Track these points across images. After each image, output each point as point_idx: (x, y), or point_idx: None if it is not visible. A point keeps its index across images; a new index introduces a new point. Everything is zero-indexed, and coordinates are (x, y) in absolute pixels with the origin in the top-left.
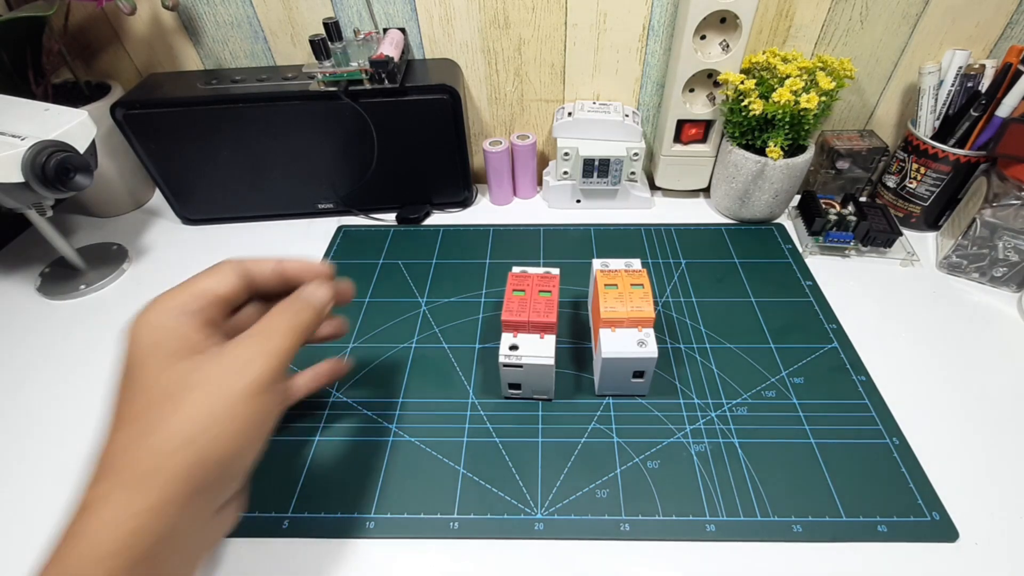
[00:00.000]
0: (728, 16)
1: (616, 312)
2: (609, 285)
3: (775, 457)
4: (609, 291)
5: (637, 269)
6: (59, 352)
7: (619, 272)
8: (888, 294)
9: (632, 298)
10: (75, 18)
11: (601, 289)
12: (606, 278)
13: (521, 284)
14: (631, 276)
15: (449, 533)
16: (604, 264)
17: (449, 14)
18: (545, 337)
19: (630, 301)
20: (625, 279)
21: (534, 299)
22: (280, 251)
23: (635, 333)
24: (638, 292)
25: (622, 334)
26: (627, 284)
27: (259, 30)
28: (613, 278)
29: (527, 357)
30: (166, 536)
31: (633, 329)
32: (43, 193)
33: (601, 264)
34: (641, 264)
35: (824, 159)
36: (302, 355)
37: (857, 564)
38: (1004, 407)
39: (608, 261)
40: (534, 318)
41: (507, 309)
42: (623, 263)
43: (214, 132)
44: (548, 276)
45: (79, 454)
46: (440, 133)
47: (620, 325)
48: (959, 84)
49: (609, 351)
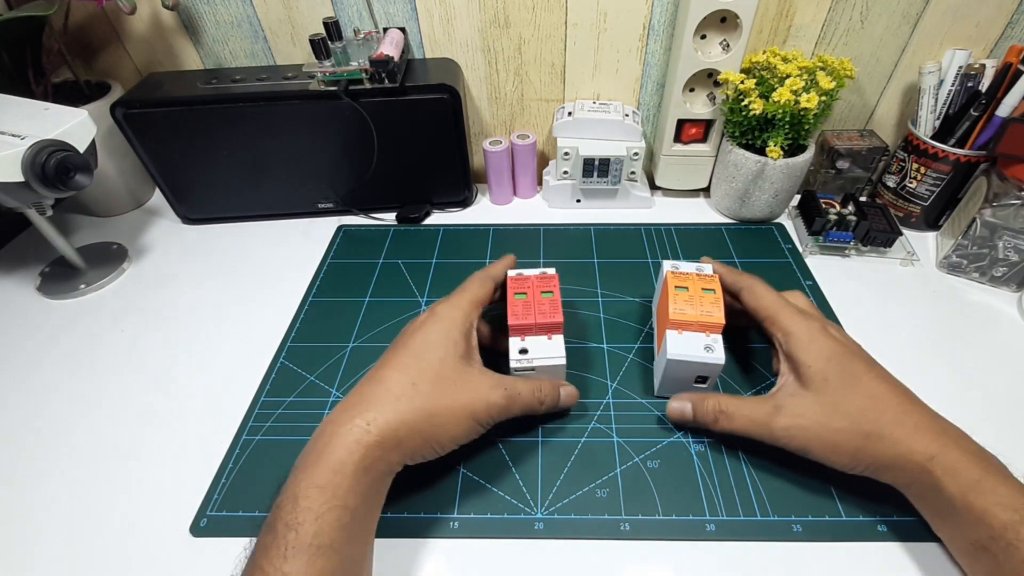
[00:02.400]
0: (728, 16)
1: (685, 315)
2: (680, 287)
3: (775, 457)
4: (680, 293)
5: (709, 274)
6: (59, 352)
7: (690, 275)
8: (888, 294)
9: (703, 302)
10: (75, 18)
11: (671, 290)
12: (677, 280)
13: (521, 287)
14: (702, 280)
15: (449, 533)
16: (675, 266)
17: (449, 14)
18: (553, 337)
19: (700, 305)
20: (696, 283)
21: (537, 300)
22: (280, 251)
23: (702, 338)
24: (709, 297)
25: (689, 337)
26: (698, 288)
27: (259, 29)
28: (684, 280)
29: (539, 360)
30: (385, 460)
31: (700, 334)
32: (43, 192)
33: (672, 266)
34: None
35: (824, 159)
36: None
37: (857, 564)
38: (1004, 407)
39: (679, 263)
40: (540, 319)
41: (512, 314)
42: (694, 267)
43: (214, 132)
44: (547, 276)
45: (79, 453)
46: (440, 133)
47: (688, 328)
48: (959, 84)
49: (675, 353)
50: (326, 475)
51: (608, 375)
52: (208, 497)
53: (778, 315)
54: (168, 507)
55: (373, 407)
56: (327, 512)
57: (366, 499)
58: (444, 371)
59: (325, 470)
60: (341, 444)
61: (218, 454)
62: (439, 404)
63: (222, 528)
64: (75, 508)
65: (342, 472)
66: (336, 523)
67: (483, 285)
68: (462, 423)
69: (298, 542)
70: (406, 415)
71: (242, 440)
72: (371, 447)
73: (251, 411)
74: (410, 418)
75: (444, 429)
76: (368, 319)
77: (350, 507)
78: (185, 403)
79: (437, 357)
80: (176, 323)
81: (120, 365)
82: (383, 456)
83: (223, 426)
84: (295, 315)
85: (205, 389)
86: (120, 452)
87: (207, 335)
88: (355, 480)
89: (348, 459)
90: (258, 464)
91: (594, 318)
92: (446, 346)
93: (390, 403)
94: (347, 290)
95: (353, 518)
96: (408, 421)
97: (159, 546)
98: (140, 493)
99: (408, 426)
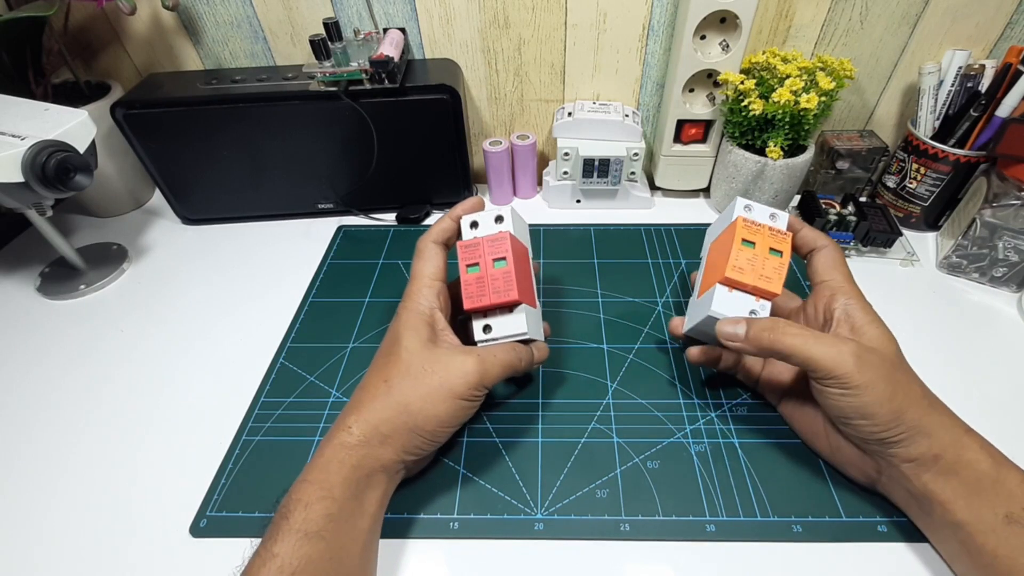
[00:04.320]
0: (728, 16)
1: (742, 275)
2: (747, 241)
3: (775, 457)
4: (744, 249)
5: (782, 231)
6: (59, 352)
7: (762, 228)
8: (888, 294)
9: (765, 265)
10: (75, 18)
11: (737, 243)
12: (747, 230)
13: (472, 257)
14: (773, 237)
15: (449, 533)
16: (748, 208)
17: (449, 14)
18: (515, 309)
19: (762, 268)
20: (766, 239)
21: (491, 275)
22: (280, 251)
23: (751, 301)
24: (774, 261)
25: (737, 297)
26: (766, 246)
27: (259, 30)
28: (754, 233)
29: (503, 337)
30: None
31: (751, 296)
32: (43, 193)
33: (745, 207)
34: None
35: (824, 159)
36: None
37: (857, 564)
38: (1004, 407)
39: (753, 205)
40: (495, 299)
41: (467, 296)
42: (768, 213)
43: (214, 132)
44: (498, 238)
45: (78, 453)
46: (440, 133)
47: (740, 288)
48: (959, 84)
49: (719, 310)
50: (315, 473)
51: (608, 375)
52: (208, 497)
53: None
54: (168, 507)
55: (355, 411)
56: (315, 503)
57: (356, 493)
58: (412, 361)
59: (315, 469)
60: (329, 447)
61: (218, 454)
62: (412, 394)
63: (222, 528)
64: (75, 508)
65: (328, 469)
66: (323, 512)
67: (430, 259)
68: (441, 404)
69: (288, 528)
70: (382, 412)
71: (242, 440)
72: (355, 447)
73: (251, 411)
74: (387, 415)
75: (424, 416)
76: (368, 319)
77: (338, 499)
78: (185, 403)
79: (404, 349)
80: (176, 324)
81: (120, 365)
82: (370, 453)
83: (223, 426)
84: (295, 315)
85: (205, 389)
86: (120, 452)
87: (207, 336)
88: (342, 476)
89: (334, 458)
90: (258, 464)
91: (594, 318)
92: (409, 337)
93: (367, 404)
94: (347, 290)
95: (341, 509)
96: (387, 418)
97: (159, 546)
98: (140, 493)
99: (389, 422)
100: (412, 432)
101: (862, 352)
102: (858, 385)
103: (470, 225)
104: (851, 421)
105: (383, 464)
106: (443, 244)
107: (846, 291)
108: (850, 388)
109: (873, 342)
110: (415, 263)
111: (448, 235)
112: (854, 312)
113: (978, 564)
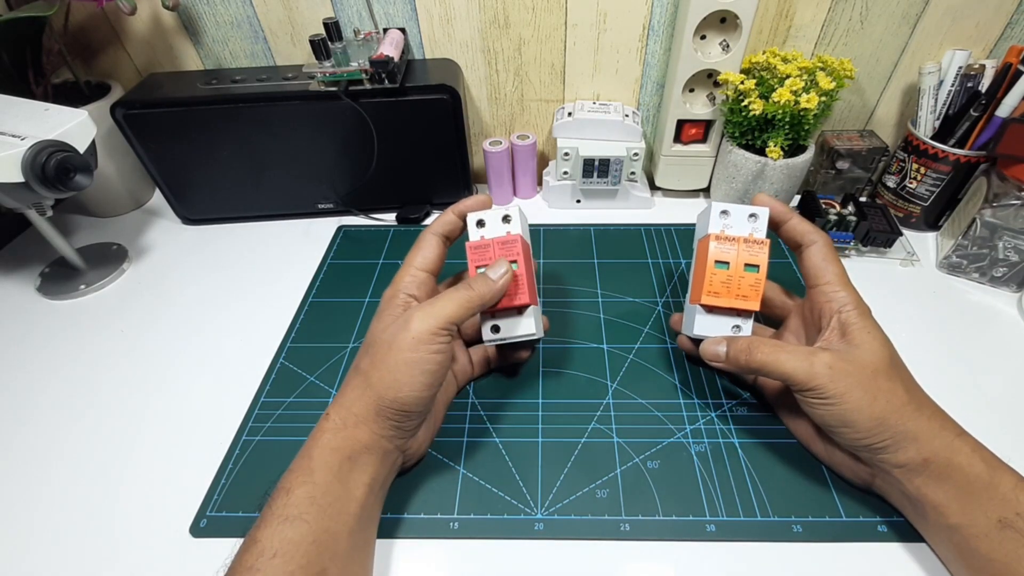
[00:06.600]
0: (728, 16)
1: (718, 299)
2: (720, 263)
3: (775, 457)
4: (718, 272)
5: (759, 240)
6: (59, 352)
7: (736, 241)
8: (888, 294)
9: (741, 285)
10: (75, 18)
11: (710, 266)
12: (720, 250)
13: (483, 258)
14: (749, 251)
15: (449, 533)
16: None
17: (449, 14)
18: (524, 311)
19: (737, 288)
20: (742, 254)
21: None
22: (279, 251)
23: (730, 321)
24: (750, 278)
25: (717, 319)
26: (741, 263)
27: (259, 30)
28: (727, 252)
29: (512, 337)
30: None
31: (729, 317)
32: (43, 193)
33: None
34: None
35: (824, 159)
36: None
37: (857, 564)
38: (1004, 407)
39: (731, 208)
40: (506, 302)
41: None
42: (747, 213)
43: (214, 132)
44: (508, 241)
45: (78, 453)
46: (440, 133)
47: (718, 312)
48: (959, 84)
49: (701, 331)
50: (298, 461)
51: (608, 375)
52: (208, 497)
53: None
54: (168, 507)
55: (334, 402)
56: (297, 487)
57: (340, 476)
58: (381, 336)
59: (298, 458)
60: (311, 437)
61: (218, 454)
62: (372, 370)
63: (222, 528)
64: (75, 508)
65: (310, 456)
66: (305, 496)
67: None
68: (412, 357)
69: (270, 514)
70: (353, 394)
71: (242, 440)
72: (334, 431)
73: (251, 411)
74: (357, 395)
75: (384, 385)
76: (368, 320)
77: (319, 483)
78: (185, 403)
79: (370, 334)
80: (176, 323)
81: (120, 365)
82: (348, 435)
83: (223, 426)
84: (295, 315)
85: (205, 389)
86: (120, 452)
87: (207, 335)
88: (323, 459)
89: (313, 444)
90: (258, 464)
91: (594, 318)
92: (375, 322)
93: (344, 393)
94: (347, 290)
95: (324, 492)
96: (356, 398)
97: (159, 546)
98: (140, 493)
99: (359, 402)
100: (380, 406)
101: (835, 362)
102: (833, 395)
103: (476, 224)
104: (835, 429)
105: (365, 444)
106: (442, 236)
107: (841, 296)
108: (827, 398)
109: (863, 350)
110: (409, 251)
111: (449, 228)
112: (848, 319)
113: (973, 567)
